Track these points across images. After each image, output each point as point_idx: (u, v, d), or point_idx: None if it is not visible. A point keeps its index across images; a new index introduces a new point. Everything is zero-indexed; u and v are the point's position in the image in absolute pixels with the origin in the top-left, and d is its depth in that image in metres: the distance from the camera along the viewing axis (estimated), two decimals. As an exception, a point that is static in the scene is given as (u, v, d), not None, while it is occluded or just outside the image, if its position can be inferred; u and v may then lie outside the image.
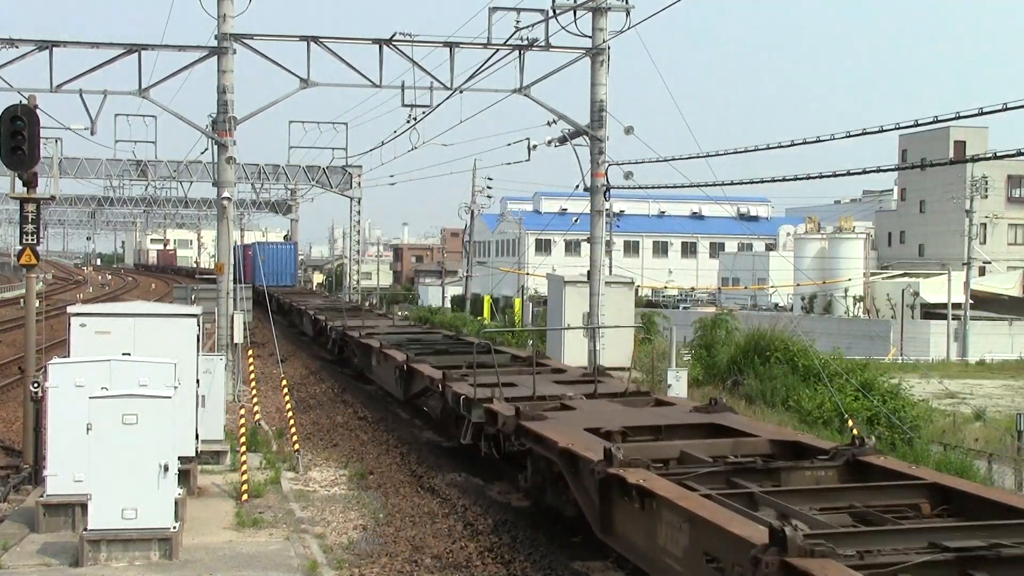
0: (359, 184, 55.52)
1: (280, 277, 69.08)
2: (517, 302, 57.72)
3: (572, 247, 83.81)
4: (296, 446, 19.10)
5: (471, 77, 26.39)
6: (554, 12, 24.76)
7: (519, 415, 14.90)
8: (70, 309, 16.40)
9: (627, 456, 11.47)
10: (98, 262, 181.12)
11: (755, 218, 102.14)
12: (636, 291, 41.58)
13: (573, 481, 12.76)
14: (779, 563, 7.87)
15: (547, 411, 15.43)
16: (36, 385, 15.90)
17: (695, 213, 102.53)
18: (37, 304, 18.82)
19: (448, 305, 72.14)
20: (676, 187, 34.18)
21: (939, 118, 18.87)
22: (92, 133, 24.95)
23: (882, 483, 10.98)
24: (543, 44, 25.40)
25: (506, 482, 17.07)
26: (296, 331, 50.16)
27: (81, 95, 24.44)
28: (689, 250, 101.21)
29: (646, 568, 10.99)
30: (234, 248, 68.53)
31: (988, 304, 65.38)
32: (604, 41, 25.25)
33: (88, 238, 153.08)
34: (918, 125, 19.79)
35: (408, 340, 28.58)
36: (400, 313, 49.10)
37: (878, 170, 22.41)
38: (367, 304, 51.07)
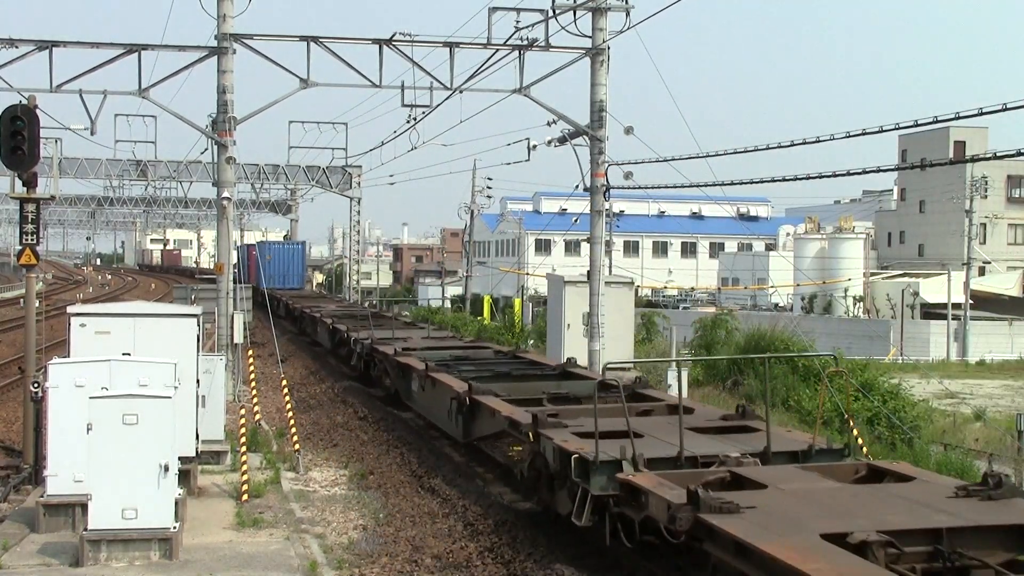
0: (359, 184, 55.54)
1: (287, 279, 65.44)
2: (517, 302, 57.70)
3: (572, 247, 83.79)
4: (296, 446, 19.10)
5: (471, 77, 26.40)
6: (554, 12, 24.75)
7: (697, 503, 9.83)
8: (70, 309, 16.40)
9: None
10: (98, 262, 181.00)
11: (755, 218, 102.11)
12: (636, 291, 41.56)
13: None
14: None
15: (717, 487, 10.95)
16: (36, 385, 15.90)
17: (695, 213, 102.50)
18: (37, 304, 18.82)
19: (448, 305, 72.07)
20: (676, 187, 34.17)
21: (939, 118, 18.85)
22: (92, 133, 24.96)
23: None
24: (543, 44, 25.40)
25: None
26: (307, 339, 45.52)
27: (81, 95, 24.44)
28: (689, 250, 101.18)
29: None
30: (237, 248, 67.83)
31: (988, 304, 65.36)
32: (604, 41, 25.24)
33: (88, 238, 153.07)
34: (918, 125, 19.78)
35: (454, 358, 23.83)
36: (431, 325, 39.27)
37: (878, 170, 22.41)
38: (394, 313, 44.02)
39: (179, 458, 13.22)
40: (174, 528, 12.69)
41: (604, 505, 12.01)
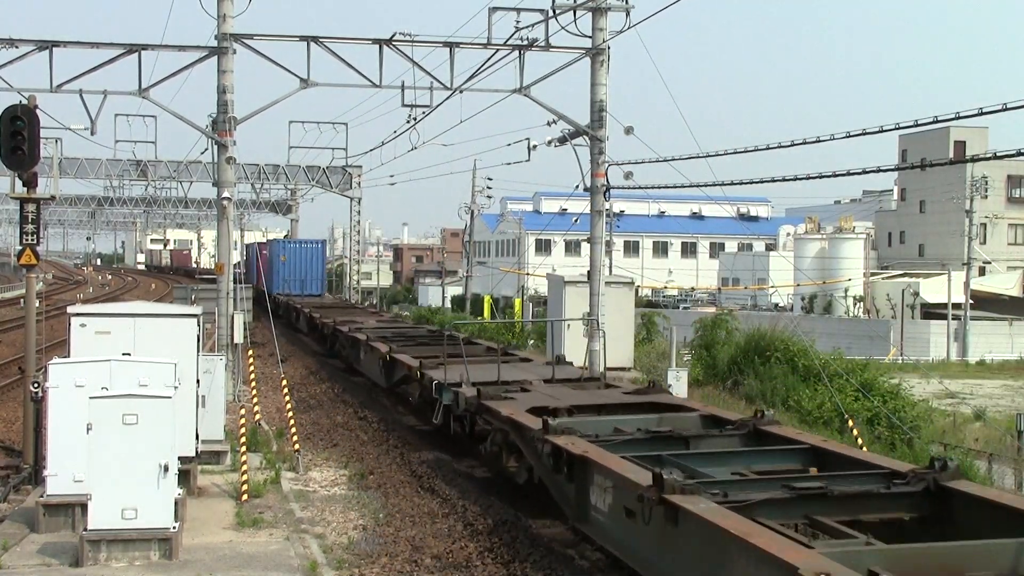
0: (359, 184, 55.53)
1: (306, 284, 56.60)
2: (517, 302, 57.74)
3: (572, 247, 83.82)
4: (296, 446, 19.10)
5: (471, 77, 26.39)
6: (554, 12, 24.75)
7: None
8: (70, 309, 16.40)
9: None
10: (98, 262, 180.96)
11: (755, 218, 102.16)
12: (636, 291, 41.57)
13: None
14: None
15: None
16: (36, 385, 15.90)
17: (695, 213, 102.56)
18: (37, 304, 18.82)
19: (448, 305, 72.09)
20: (676, 187, 34.13)
21: (939, 118, 18.84)
22: (92, 133, 24.94)
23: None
24: (543, 44, 25.39)
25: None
26: (340, 365, 34.87)
27: (81, 95, 24.43)
28: (689, 250, 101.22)
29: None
30: (247, 248, 66.42)
31: (988, 304, 65.37)
32: (604, 41, 25.23)
33: (88, 238, 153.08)
34: (918, 125, 19.76)
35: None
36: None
37: (878, 170, 22.38)
38: (465, 332, 34.48)
39: (179, 458, 13.22)
40: (174, 528, 12.70)
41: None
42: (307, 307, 45.47)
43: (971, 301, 61.96)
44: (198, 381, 15.91)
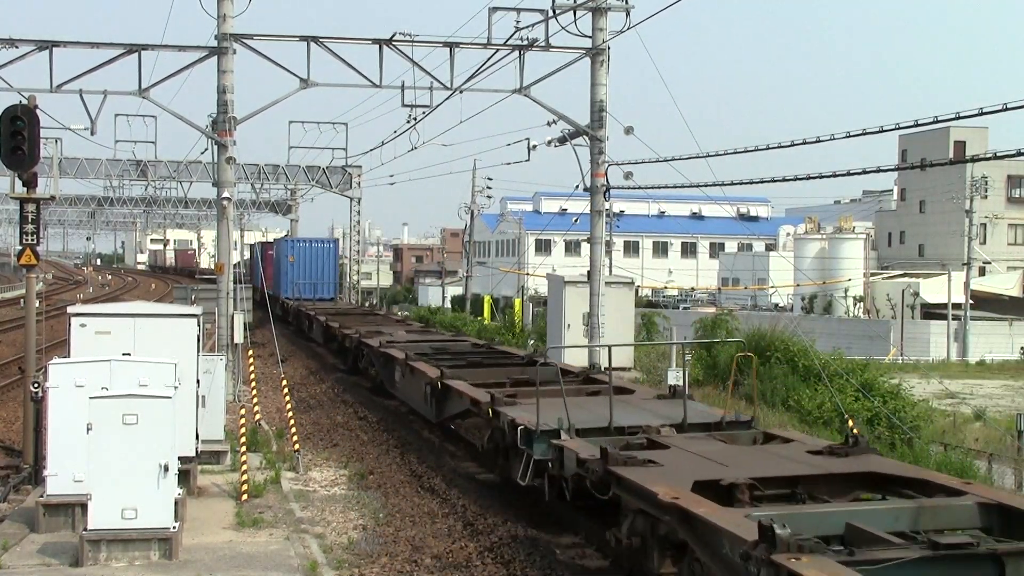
0: (359, 184, 55.49)
1: (317, 288, 52.48)
2: (517, 302, 57.71)
3: (572, 247, 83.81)
4: (296, 446, 19.11)
5: (471, 77, 26.39)
6: (554, 12, 24.75)
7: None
8: (70, 309, 16.40)
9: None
10: (98, 262, 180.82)
11: (755, 218, 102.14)
12: (636, 291, 41.56)
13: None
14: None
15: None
16: (36, 385, 15.90)
17: (695, 213, 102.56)
18: (37, 304, 18.82)
19: (448, 305, 72.06)
20: (676, 187, 34.14)
21: (939, 118, 18.84)
22: (92, 133, 24.95)
23: None
24: (543, 44, 25.39)
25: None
26: (365, 383, 30.07)
27: (81, 95, 24.43)
28: (689, 250, 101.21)
29: None
30: (250, 248, 65.01)
31: (988, 304, 65.37)
32: (604, 41, 25.24)
33: (88, 238, 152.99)
34: (918, 125, 19.76)
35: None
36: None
37: (878, 170, 22.39)
38: (535, 350, 30.86)
39: (179, 458, 13.22)
40: (174, 528, 12.70)
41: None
42: (322, 314, 39.54)
43: (971, 301, 61.95)
44: (198, 381, 15.92)
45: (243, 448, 16.86)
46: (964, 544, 8.98)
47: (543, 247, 78.75)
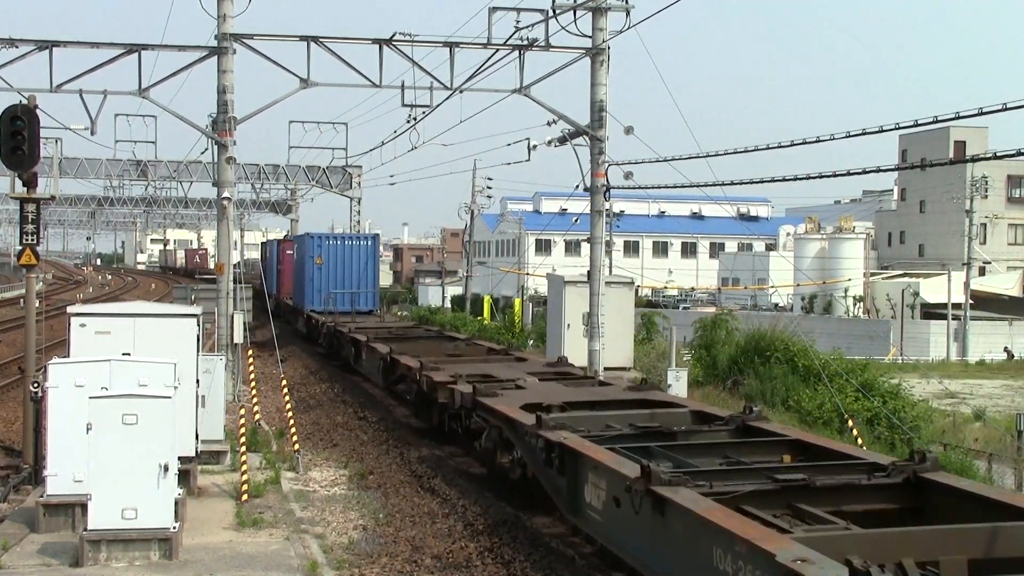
0: (359, 184, 55.51)
1: (356, 299, 41.21)
2: (517, 302, 57.70)
3: (572, 247, 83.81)
4: (296, 446, 19.10)
5: (471, 77, 26.38)
6: (554, 12, 24.74)
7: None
8: (70, 309, 16.40)
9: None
10: (98, 262, 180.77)
11: (755, 218, 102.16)
12: (636, 291, 41.55)
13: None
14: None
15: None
16: (36, 385, 15.90)
17: (695, 213, 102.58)
18: (37, 304, 18.82)
19: (448, 305, 72.06)
20: (676, 187, 34.13)
21: (939, 118, 18.84)
22: (92, 133, 24.94)
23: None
24: (543, 44, 25.39)
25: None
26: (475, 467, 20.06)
27: (81, 95, 24.43)
28: (689, 250, 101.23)
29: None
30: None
31: (988, 304, 65.40)
32: (604, 41, 25.23)
33: (88, 238, 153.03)
34: (918, 125, 19.76)
35: None
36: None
37: (878, 170, 22.39)
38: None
39: (179, 458, 13.22)
40: (174, 528, 12.70)
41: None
42: (375, 338, 29.07)
43: (971, 301, 61.98)
44: (198, 381, 15.91)
45: (243, 448, 16.85)
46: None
47: (543, 247, 78.77)
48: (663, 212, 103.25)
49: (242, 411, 18.15)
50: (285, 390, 22.12)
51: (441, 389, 19.49)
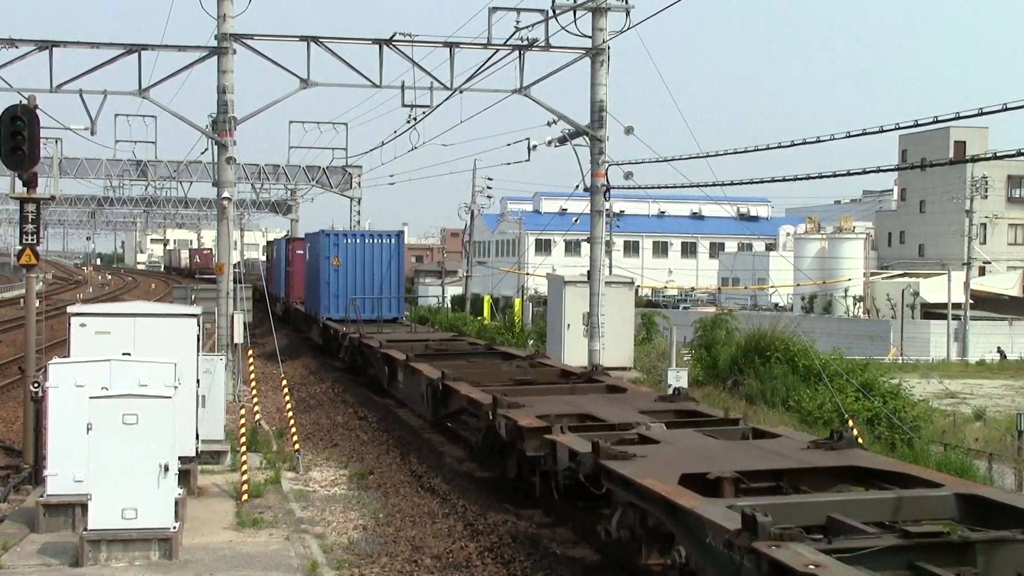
0: (359, 184, 55.46)
1: (380, 305, 36.00)
2: (517, 302, 57.67)
3: (572, 247, 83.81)
4: (296, 446, 19.10)
5: (471, 77, 26.39)
6: (554, 12, 24.75)
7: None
8: (70, 309, 16.40)
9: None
10: (98, 262, 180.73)
11: (755, 218, 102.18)
12: (636, 291, 41.56)
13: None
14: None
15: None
16: (36, 385, 15.91)
17: (695, 213, 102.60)
18: (37, 304, 18.81)
19: (448, 305, 72.06)
20: (676, 187, 34.18)
21: (939, 118, 18.83)
22: (92, 133, 24.94)
23: None
24: (543, 44, 25.39)
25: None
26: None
27: (81, 95, 24.43)
28: (689, 250, 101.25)
29: None
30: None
31: (988, 304, 65.41)
32: (604, 41, 25.24)
33: (88, 238, 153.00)
34: (918, 125, 19.76)
35: None
36: None
37: (878, 170, 22.40)
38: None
39: (179, 458, 13.22)
40: (174, 528, 12.70)
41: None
42: (415, 357, 23.65)
43: (971, 301, 61.97)
44: (198, 381, 15.91)
45: (243, 448, 16.85)
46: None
47: (543, 247, 78.77)
48: (663, 212, 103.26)
49: (242, 411, 18.15)
50: (285, 390, 22.11)
51: (530, 438, 14.47)
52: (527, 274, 69.77)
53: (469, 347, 28.41)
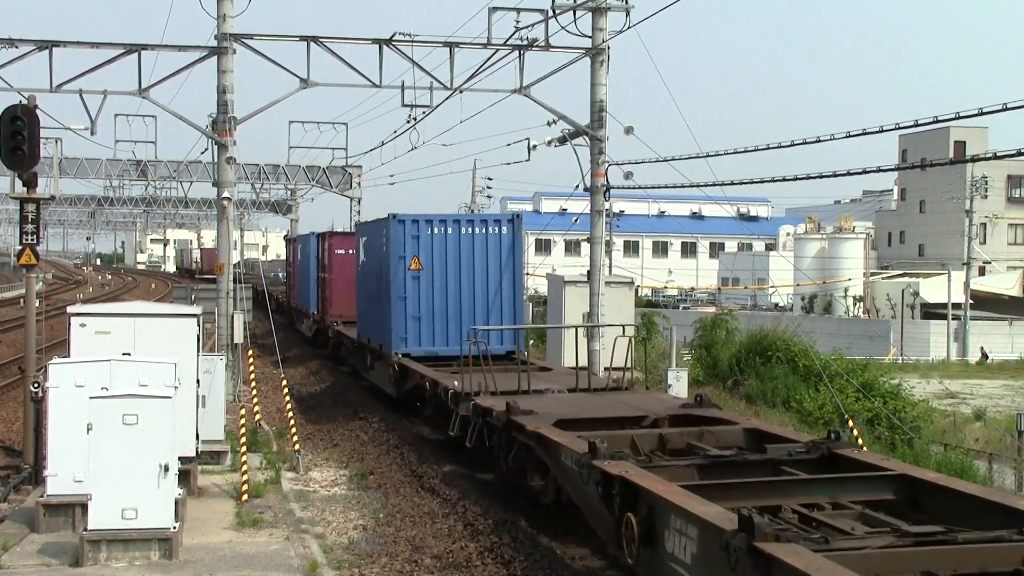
0: (359, 184, 55.44)
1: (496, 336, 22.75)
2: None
3: (572, 247, 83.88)
4: (296, 446, 19.10)
5: (471, 77, 26.37)
6: (554, 12, 24.74)
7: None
8: (70, 309, 16.40)
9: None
10: (98, 262, 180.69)
11: (755, 218, 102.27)
12: (636, 291, 41.56)
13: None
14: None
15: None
16: (36, 385, 15.91)
17: (695, 213, 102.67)
18: (37, 304, 18.82)
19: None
20: (676, 187, 34.13)
21: (939, 118, 18.84)
22: (92, 133, 24.92)
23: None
24: (543, 44, 25.38)
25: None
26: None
27: (81, 95, 24.42)
28: (689, 250, 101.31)
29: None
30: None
31: (988, 304, 65.41)
32: (604, 41, 25.23)
33: (88, 238, 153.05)
34: (918, 125, 19.76)
35: None
36: None
37: (878, 170, 22.40)
38: None
39: (179, 458, 13.22)
40: (174, 528, 12.70)
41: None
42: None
43: (971, 301, 61.97)
44: (198, 381, 15.91)
45: (243, 448, 16.86)
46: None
47: (543, 247, 78.74)
48: (663, 212, 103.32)
49: (242, 411, 18.15)
50: (285, 390, 22.10)
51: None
52: (527, 274, 69.63)
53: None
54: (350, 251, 33.17)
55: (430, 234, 24.44)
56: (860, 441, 21.71)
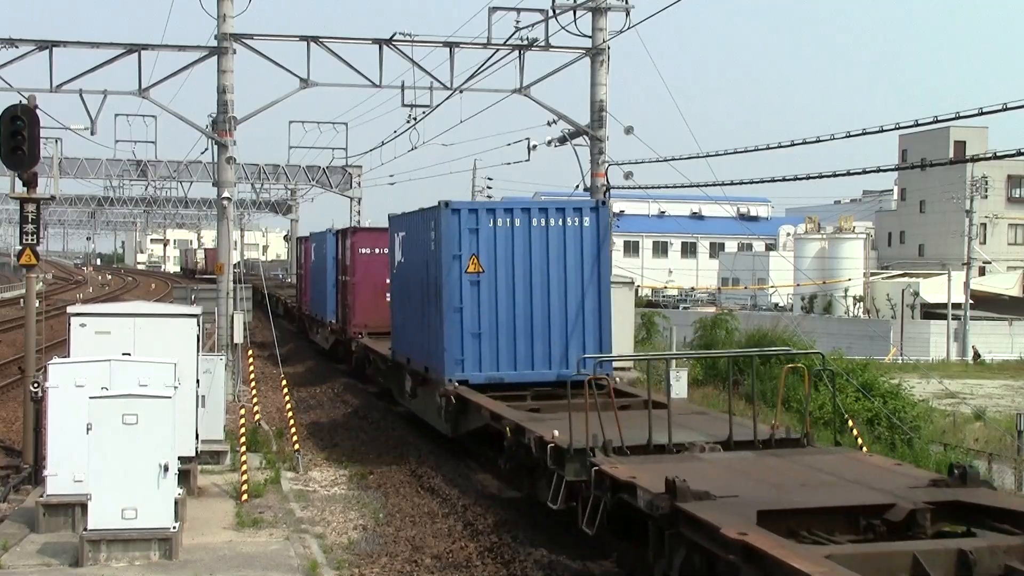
0: (359, 184, 55.45)
1: (542, 352, 18.96)
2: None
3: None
4: (296, 446, 19.11)
5: (471, 77, 26.41)
6: (554, 12, 24.78)
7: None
8: (70, 309, 16.41)
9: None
10: (98, 262, 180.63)
11: (755, 218, 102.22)
12: (636, 291, 41.56)
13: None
14: None
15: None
16: (36, 385, 15.91)
17: (695, 213, 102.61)
18: (37, 304, 18.81)
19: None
20: (676, 187, 34.16)
21: (939, 118, 18.87)
22: (92, 133, 24.98)
23: None
24: (543, 44, 25.42)
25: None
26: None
27: (81, 95, 24.45)
28: (689, 250, 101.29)
29: None
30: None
31: (988, 304, 65.40)
32: (604, 41, 25.25)
33: (88, 238, 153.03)
34: (918, 125, 19.79)
35: None
36: None
37: (878, 170, 22.43)
38: None
39: (179, 458, 13.22)
40: (174, 528, 12.70)
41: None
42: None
43: (971, 301, 61.96)
44: (198, 381, 15.92)
45: (243, 448, 16.86)
46: None
47: (543, 247, 78.64)
48: (663, 212, 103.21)
49: (242, 411, 18.15)
50: (285, 390, 22.11)
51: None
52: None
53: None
54: (378, 250, 28.95)
55: (492, 227, 19.20)
56: (860, 441, 21.73)
